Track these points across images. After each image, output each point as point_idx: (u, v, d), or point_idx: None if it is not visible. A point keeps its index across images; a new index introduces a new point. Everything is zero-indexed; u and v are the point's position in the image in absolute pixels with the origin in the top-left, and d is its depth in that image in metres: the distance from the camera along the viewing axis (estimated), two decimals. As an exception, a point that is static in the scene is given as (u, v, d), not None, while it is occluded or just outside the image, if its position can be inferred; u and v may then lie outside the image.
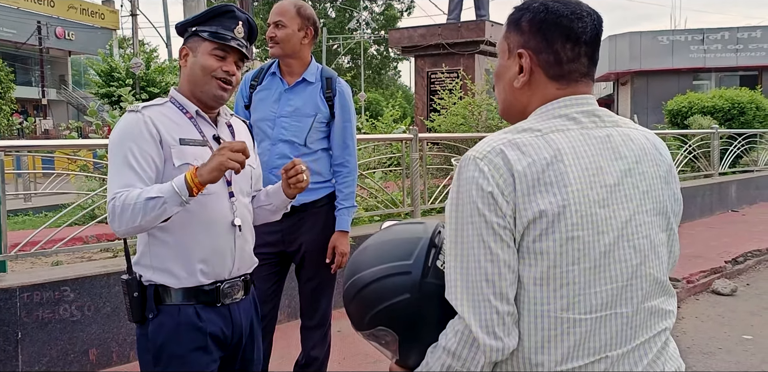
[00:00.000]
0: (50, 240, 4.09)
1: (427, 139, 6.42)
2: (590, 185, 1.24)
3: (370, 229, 5.41)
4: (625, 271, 1.26)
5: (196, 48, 2.10)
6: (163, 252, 2.01)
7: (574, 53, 1.34)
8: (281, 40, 2.99)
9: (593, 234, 1.23)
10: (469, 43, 10.85)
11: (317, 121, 3.06)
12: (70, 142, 5.94)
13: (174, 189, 1.86)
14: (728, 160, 11.41)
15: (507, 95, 1.43)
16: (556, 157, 1.24)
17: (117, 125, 2.01)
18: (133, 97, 10.89)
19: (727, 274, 6.59)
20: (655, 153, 1.38)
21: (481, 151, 1.26)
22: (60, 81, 43.31)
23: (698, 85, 28.27)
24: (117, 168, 1.93)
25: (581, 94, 1.36)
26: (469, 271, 1.22)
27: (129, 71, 19.75)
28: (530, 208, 1.21)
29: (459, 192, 1.26)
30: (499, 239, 1.21)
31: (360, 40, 46.55)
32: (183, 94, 2.12)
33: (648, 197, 1.32)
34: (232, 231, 2.10)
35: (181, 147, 2.01)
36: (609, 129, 1.34)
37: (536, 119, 1.33)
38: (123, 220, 1.86)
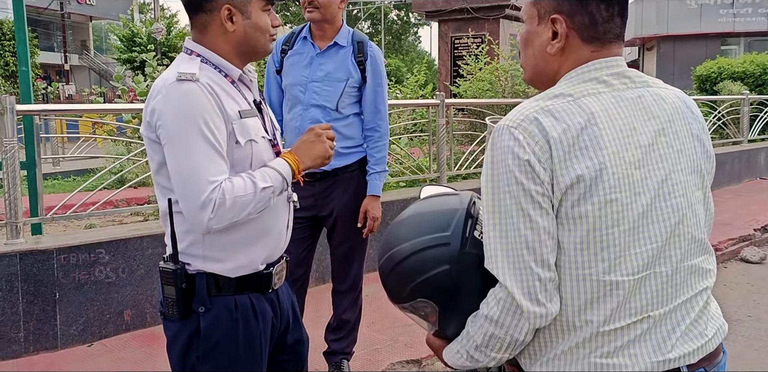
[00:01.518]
0: (83, 204, 4.15)
1: (453, 105, 6.37)
2: (625, 147, 1.24)
3: (396, 195, 5.43)
4: (664, 230, 1.26)
5: (246, 6, 1.78)
6: (221, 240, 1.75)
7: (609, 13, 1.32)
8: (322, 5, 2.94)
9: (630, 195, 1.23)
10: (494, 8, 10.68)
11: (349, 85, 3.05)
12: (108, 106, 6.00)
13: (282, 176, 1.73)
14: (758, 127, 11.22)
15: (538, 61, 1.40)
16: (590, 121, 1.24)
17: (175, 96, 1.67)
18: (156, 63, 10.89)
19: (756, 242, 6.55)
20: (687, 111, 1.37)
21: (515, 120, 1.25)
22: (82, 46, 43.37)
23: (726, 51, 27.68)
24: (200, 152, 1.64)
25: (614, 56, 1.35)
26: (509, 240, 1.22)
27: (150, 36, 19.76)
28: (567, 174, 1.21)
29: (494, 162, 1.26)
30: (538, 206, 1.21)
31: (380, 5, 45.95)
32: (221, 55, 1.80)
33: (682, 156, 1.31)
34: (287, 207, 1.91)
35: (241, 121, 1.74)
36: (640, 90, 1.33)
37: (567, 84, 1.32)
38: (229, 215, 1.65)
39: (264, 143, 1.81)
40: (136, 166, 4.94)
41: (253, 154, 1.75)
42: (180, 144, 1.65)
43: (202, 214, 1.62)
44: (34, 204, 3.88)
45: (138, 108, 5.79)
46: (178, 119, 1.65)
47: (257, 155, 1.77)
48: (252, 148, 1.76)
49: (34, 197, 3.86)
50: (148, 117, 1.71)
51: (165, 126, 1.67)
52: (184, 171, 1.65)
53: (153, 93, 1.72)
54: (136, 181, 4.67)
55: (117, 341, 3.75)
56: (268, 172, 1.72)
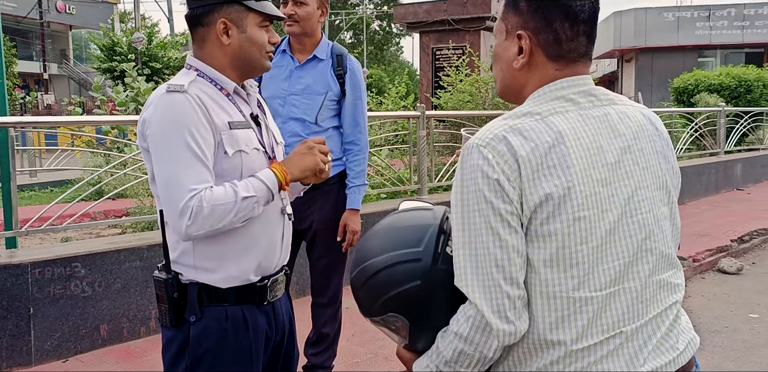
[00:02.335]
0: (59, 216, 4.10)
1: (434, 117, 6.39)
2: (592, 165, 1.26)
3: (377, 207, 5.42)
4: (631, 246, 1.28)
5: (242, 20, 1.81)
6: (210, 249, 1.77)
7: (573, 32, 1.34)
8: (302, 19, 2.95)
9: (598, 213, 1.24)
10: (475, 20, 10.77)
11: (328, 98, 3.04)
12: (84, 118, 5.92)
13: (266, 186, 1.72)
14: (734, 139, 11.37)
15: (505, 75, 1.43)
16: (557, 139, 1.25)
17: (162, 107, 1.72)
18: (136, 73, 10.84)
19: (732, 253, 6.61)
20: (651, 128, 1.39)
21: (484, 139, 1.26)
22: (61, 55, 43.07)
23: (703, 63, 28.09)
24: (183, 161, 1.67)
25: (579, 74, 1.37)
26: (479, 258, 1.23)
27: (131, 46, 19.63)
28: (536, 193, 1.22)
29: (464, 180, 1.26)
30: (507, 225, 1.22)
31: (363, 15, 46.13)
32: (217, 68, 1.84)
33: (648, 173, 1.33)
34: (282, 220, 1.90)
35: (231, 132, 1.76)
36: (606, 108, 1.35)
37: (534, 102, 1.33)
38: (207, 222, 1.65)
39: (256, 155, 1.82)
40: (115, 177, 4.89)
41: (243, 165, 1.77)
42: (164, 152, 1.69)
43: (180, 220, 1.64)
44: (8, 217, 3.83)
45: (114, 120, 5.76)
46: (164, 128, 1.69)
47: (248, 166, 1.79)
48: (242, 158, 1.77)
49: (9, 211, 3.81)
50: (140, 127, 1.76)
51: (152, 135, 1.71)
52: (166, 178, 1.68)
53: (146, 105, 1.77)
54: (114, 192, 4.62)
55: (93, 356, 3.69)
56: (252, 182, 1.73)
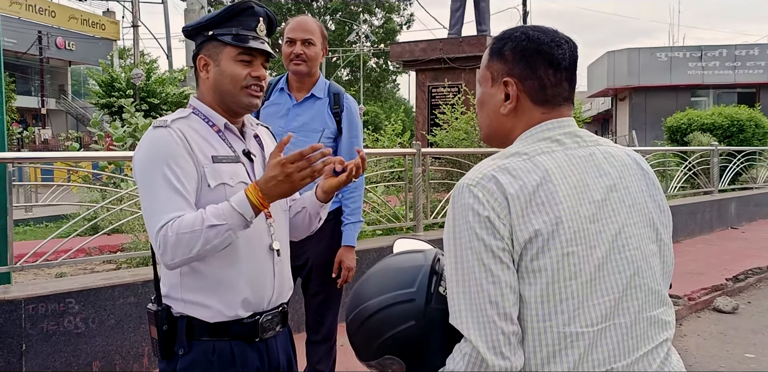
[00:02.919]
0: (55, 251, 4.09)
1: (429, 154, 6.44)
2: (579, 202, 1.30)
3: (372, 244, 5.42)
4: (620, 282, 1.31)
5: (218, 55, 1.86)
6: (196, 283, 1.79)
7: (557, 78, 1.42)
8: (310, 59, 3.01)
9: (586, 248, 1.28)
10: (471, 58, 10.89)
11: (325, 136, 3.08)
12: (80, 154, 5.93)
13: (236, 211, 1.68)
14: (728, 177, 11.45)
15: (492, 121, 1.48)
16: (545, 178, 1.30)
17: (145, 142, 1.78)
18: (134, 108, 10.93)
19: (728, 292, 6.59)
20: (636, 168, 1.44)
21: (474, 178, 1.31)
22: (59, 91, 43.44)
23: (696, 102, 28.44)
24: (158, 191, 1.70)
25: (564, 117, 1.43)
26: (472, 295, 1.25)
27: (129, 82, 19.84)
28: (526, 229, 1.26)
29: (455, 219, 1.31)
30: (499, 261, 1.26)
31: (359, 52, 46.75)
32: (207, 105, 1.89)
33: (634, 210, 1.38)
34: (271, 256, 1.89)
35: (214, 165, 1.79)
36: (591, 148, 1.41)
37: (522, 144, 1.39)
38: (178, 252, 1.65)
39: (243, 189, 1.79)
40: (111, 213, 4.90)
41: (227, 198, 1.75)
42: (144, 184, 1.74)
43: (158, 250, 1.67)
44: (3, 253, 3.82)
45: (110, 156, 5.80)
46: (144, 162, 1.75)
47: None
48: (225, 191, 1.79)
49: (4, 246, 3.80)
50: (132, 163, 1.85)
51: (134, 169, 1.79)
52: (144, 210, 1.73)
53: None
54: (110, 228, 4.62)
55: (84, 394, 3.64)
56: (223, 209, 1.69)
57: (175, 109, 19.08)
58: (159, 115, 17.22)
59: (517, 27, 1.48)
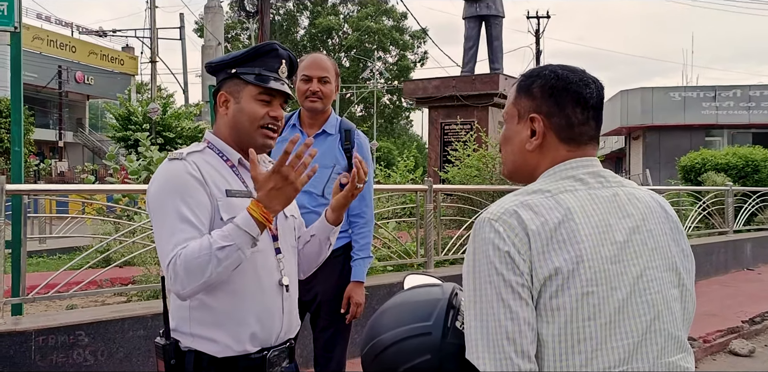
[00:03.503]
0: (66, 283, 4.11)
1: (441, 190, 6.45)
2: (601, 242, 1.29)
3: (383, 279, 5.40)
4: (640, 325, 1.28)
5: (239, 93, 1.89)
6: (205, 318, 1.79)
7: (584, 117, 1.42)
8: (326, 96, 3.05)
9: (607, 289, 1.26)
10: (483, 96, 11.00)
11: (335, 172, 3.10)
12: (96, 187, 6.01)
13: (242, 229, 1.68)
14: (743, 218, 11.36)
15: (516, 157, 1.49)
16: (567, 216, 1.30)
17: (160, 174, 1.81)
18: (149, 142, 11.06)
19: (744, 335, 6.48)
20: (660, 211, 1.43)
21: (495, 213, 1.31)
22: (77, 124, 44.00)
23: (710, 142, 28.37)
24: (170, 223, 1.72)
25: (588, 156, 1.43)
26: (490, 330, 1.24)
27: (146, 116, 20.08)
28: (546, 266, 1.25)
29: (475, 253, 1.30)
30: (518, 297, 1.24)
31: (373, 89, 47.26)
32: (223, 140, 1.93)
33: (657, 253, 1.36)
34: (280, 291, 1.89)
35: (228, 199, 1.81)
36: (615, 188, 1.40)
37: (545, 181, 1.39)
38: (190, 279, 1.65)
39: None
40: (123, 245, 4.92)
41: None
42: (157, 216, 1.76)
43: (169, 281, 1.68)
44: (16, 284, 3.84)
45: (125, 189, 5.86)
46: (158, 193, 1.77)
47: None
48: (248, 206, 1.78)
49: (17, 277, 3.82)
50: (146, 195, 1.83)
51: (148, 200, 1.79)
52: (157, 242, 1.74)
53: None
54: (122, 260, 4.64)
55: (89, 428, 3.61)
56: (229, 230, 1.69)
57: (189, 142, 19.28)
58: (174, 148, 17.38)
59: (545, 65, 1.49)
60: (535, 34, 35.38)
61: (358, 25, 48.46)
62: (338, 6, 51.67)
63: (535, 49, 35.06)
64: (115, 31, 36.71)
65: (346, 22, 50.71)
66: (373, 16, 48.90)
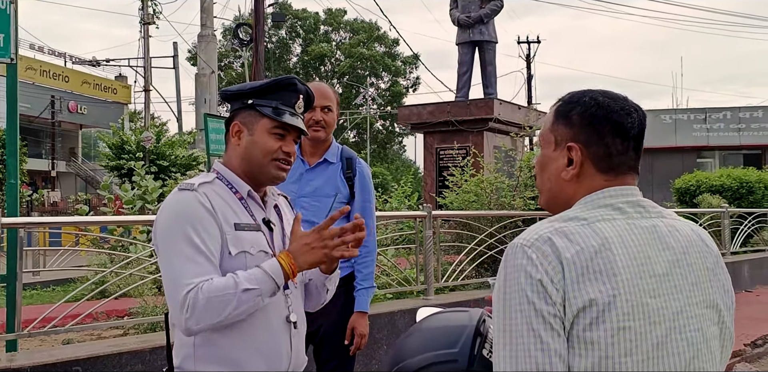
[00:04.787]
0: (62, 317, 4.03)
1: (440, 216, 6.43)
2: (639, 274, 1.24)
3: (383, 308, 5.33)
4: (678, 364, 1.23)
5: (253, 124, 1.87)
6: (211, 355, 1.75)
7: (624, 147, 1.37)
8: (328, 125, 3.04)
9: (645, 325, 1.21)
10: (478, 121, 11.05)
11: (337, 201, 3.07)
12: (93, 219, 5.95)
13: (269, 276, 1.68)
14: (739, 239, 11.34)
15: (553, 186, 1.44)
16: (603, 245, 1.24)
17: (170, 204, 1.78)
18: (144, 171, 11.02)
19: (747, 358, 6.43)
20: (702, 245, 1.37)
21: (529, 239, 1.26)
22: (70, 153, 43.94)
23: (702, 163, 28.51)
24: (184, 253, 1.68)
25: (627, 185, 1.38)
26: (519, 361, 1.19)
27: (140, 144, 20.07)
28: (580, 296, 1.20)
29: (506, 279, 1.25)
30: (549, 327, 1.19)
31: (366, 115, 47.48)
32: (233, 171, 1.89)
33: (697, 289, 1.30)
34: (288, 328, 1.86)
35: (236, 233, 1.78)
36: (654, 220, 1.34)
37: (581, 208, 1.34)
38: (206, 316, 1.62)
39: (263, 258, 1.81)
40: (120, 278, 4.86)
41: (247, 267, 1.75)
42: (167, 246, 1.71)
43: (180, 314, 1.63)
44: (11, 319, 3.76)
45: (120, 220, 5.81)
46: (169, 223, 1.73)
47: (252, 268, 1.76)
48: (246, 260, 1.77)
49: (12, 312, 3.75)
50: (153, 226, 1.80)
51: (157, 231, 1.75)
52: (168, 272, 1.69)
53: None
54: (119, 293, 4.58)
55: None
56: (256, 273, 1.69)
57: (184, 171, 19.26)
58: (168, 177, 17.35)
59: (585, 91, 1.43)
60: (526, 59, 35.71)
61: (351, 51, 48.89)
62: (330, 33, 52.13)
63: (527, 73, 35.36)
64: (108, 60, 36.83)
65: (338, 49, 51.14)
66: (365, 43, 49.36)
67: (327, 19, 51.44)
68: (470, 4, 11.71)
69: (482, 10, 11.61)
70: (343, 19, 51.49)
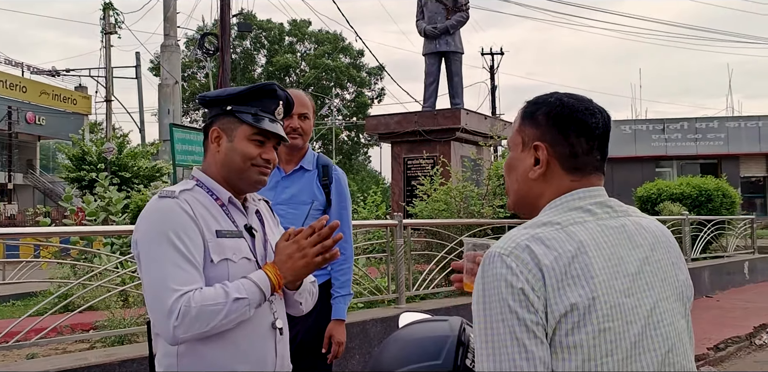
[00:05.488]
0: (26, 331, 3.92)
1: (411, 225, 6.43)
2: (614, 275, 1.26)
3: (355, 317, 5.30)
4: (655, 360, 1.25)
5: (232, 131, 1.85)
6: (195, 365, 1.71)
7: (588, 146, 1.40)
8: (305, 132, 3.03)
9: (623, 324, 1.23)
10: (446, 131, 11.10)
11: (314, 208, 3.06)
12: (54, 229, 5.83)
13: (258, 287, 1.68)
14: (700, 246, 11.56)
15: (520, 186, 1.45)
16: (579, 249, 1.26)
17: (151, 212, 1.74)
18: (108, 182, 10.84)
19: (710, 362, 6.54)
20: (666, 240, 1.42)
21: (506, 247, 1.27)
22: (27, 165, 43.01)
23: (661, 173, 29.11)
24: (170, 260, 1.65)
25: (593, 186, 1.40)
26: (504, 370, 1.20)
27: (101, 156, 19.74)
28: (561, 302, 1.21)
29: (485, 289, 1.25)
30: (533, 336, 1.20)
31: (332, 126, 47.42)
32: (212, 178, 1.86)
33: (666, 284, 1.34)
34: (273, 334, 1.83)
35: (218, 240, 1.75)
36: (622, 219, 1.37)
37: (553, 212, 1.35)
38: (195, 325, 1.60)
39: (246, 264, 1.79)
40: (87, 290, 4.75)
41: (230, 274, 1.74)
42: (151, 253, 1.67)
43: (167, 322, 1.59)
44: (-26, 333, 3.65)
45: (85, 231, 5.70)
46: (150, 230, 1.70)
47: (235, 276, 1.75)
48: (228, 267, 1.75)
49: (-25, 326, 3.64)
50: (133, 235, 1.76)
51: (138, 239, 1.72)
52: (153, 279, 1.65)
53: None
54: (85, 306, 4.47)
55: None
56: (244, 284, 1.68)
57: (147, 182, 18.98)
58: (131, 188, 17.07)
59: (551, 93, 1.46)
60: (490, 70, 36.08)
61: (316, 62, 48.88)
62: (295, 44, 52.06)
63: (490, 84, 35.72)
64: (68, 70, 36.19)
65: (303, 60, 51.11)
66: (330, 54, 49.40)
67: (292, 30, 51.42)
68: (436, 15, 11.79)
69: (448, 21, 11.69)
70: (307, 30, 51.51)
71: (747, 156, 29.92)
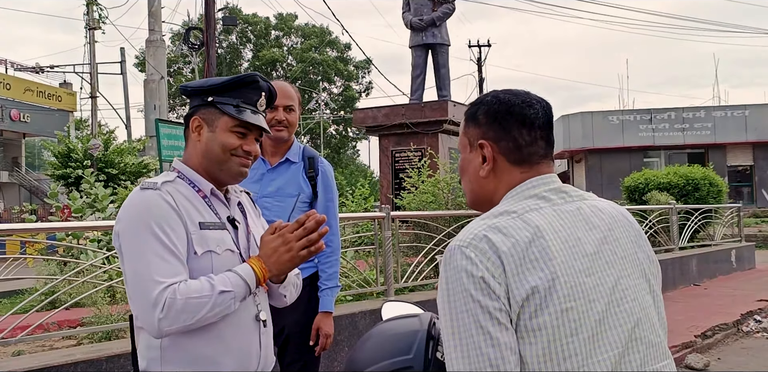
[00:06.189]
0: (12, 328, 3.90)
1: (399, 217, 6.44)
2: (573, 256, 1.29)
3: (344, 310, 5.31)
4: (622, 336, 1.28)
5: (213, 121, 1.83)
6: (179, 357, 1.70)
7: (531, 137, 1.44)
8: (291, 124, 3.01)
9: (585, 303, 1.26)
10: (433, 123, 11.11)
11: (300, 200, 3.05)
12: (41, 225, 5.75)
13: (243, 280, 1.68)
14: (687, 235, 11.64)
15: (474, 185, 1.50)
16: (536, 234, 1.29)
17: (133, 203, 1.71)
18: (94, 179, 10.77)
19: (698, 349, 6.59)
20: (623, 219, 1.45)
21: (465, 240, 1.30)
22: (13, 163, 42.68)
23: (649, 163, 29.28)
24: (154, 251, 1.63)
25: (543, 174, 1.44)
26: (472, 360, 1.22)
27: (87, 152, 19.61)
28: (522, 286, 1.24)
29: (448, 282, 1.28)
30: (497, 323, 1.22)
31: (319, 120, 47.35)
32: (194, 169, 1.85)
33: (627, 262, 1.37)
34: (257, 327, 1.83)
35: (201, 232, 1.74)
36: (577, 203, 1.41)
37: (509, 202, 1.39)
38: (180, 318, 1.58)
39: (230, 256, 1.79)
40: (73, 286, 4.73)
41: (213, 266, 1.73)
42: (134, 245, 1.66)
43: (152, 314, 1.58)
44: (-41, 330, 3.63)
45: (71, 226, 5.65)
46: (134, 222, 1.67)
47: (219, 268, 1.74)
48: (212, 259, 1.74)
49: (-41, 323, 3.62)
50: (114, 226, 1.73)
51: (120, 230, 1.69)
52: (136, 271, 1.64)
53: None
54: (71, 302, 4.45)
55: None
56: (229, 277, 1.69)
57: (134, 178, 18.89)
58: (117, 185, 16.97)
59: (489, 92, 1.52)
60: (477, 62, 36.14)
61: (302, 56, 48.74)
62: (282, 38, 51.88)
63: (478, 76, 35.76)
64: (52, 66, 35.88)
65: (290, 54, 50.94)
66: (317, 48, 49.26)
67: (278, 24, 51.20)
68: (422, 8, 11.76)
69: (434, 13, 11.67)
70: (294, 23, 51.31)
71: (734, 145, 30.14)
